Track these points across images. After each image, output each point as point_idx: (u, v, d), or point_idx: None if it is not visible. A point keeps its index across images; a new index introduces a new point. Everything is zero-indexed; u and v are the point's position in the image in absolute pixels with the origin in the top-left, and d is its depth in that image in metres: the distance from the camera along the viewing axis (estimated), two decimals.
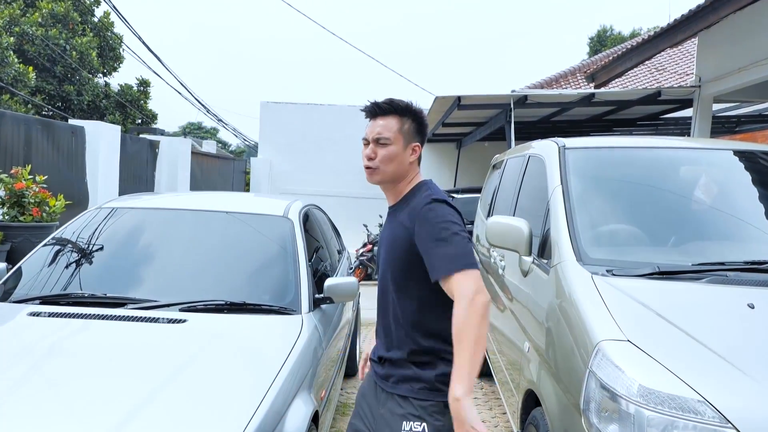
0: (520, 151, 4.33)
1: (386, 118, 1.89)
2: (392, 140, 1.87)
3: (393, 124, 1.88)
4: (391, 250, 1.89)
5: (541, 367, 2.52)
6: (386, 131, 1.87)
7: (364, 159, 1.92)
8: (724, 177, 3.07)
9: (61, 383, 2.08)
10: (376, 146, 1.88)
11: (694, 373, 1.78)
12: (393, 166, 1.88)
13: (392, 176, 1.90)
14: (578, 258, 2.46)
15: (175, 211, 3.50)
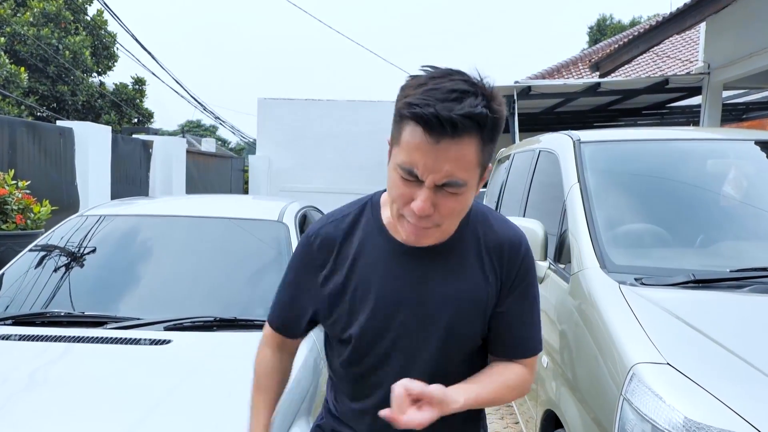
0: (528, 145, 4.08)
1: (463, 143, 1.05)
2: (468, 183, 1.10)
3: (472, 154, 1.07)
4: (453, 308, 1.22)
5: (561, 385, 2.28)
6: (463, 170, 1.07)
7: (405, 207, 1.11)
8: (755, 170, 2.83)
9: (26, 418, 1.86)
10: (438, 194, 1.09)
11: (749, 403, 1.54)
12: (461, 218, 1.18)
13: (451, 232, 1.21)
14: (602, 265, 2.22)
15: (162, 218, 3.26)
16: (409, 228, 1.13)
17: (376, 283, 1.24)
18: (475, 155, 1.07)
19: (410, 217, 1.11)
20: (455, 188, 1.08)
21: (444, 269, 1.23)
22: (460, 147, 1.04)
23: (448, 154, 1.04)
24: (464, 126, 1.03)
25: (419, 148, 1.05)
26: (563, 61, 16.84)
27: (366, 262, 1.25)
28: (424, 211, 1.08)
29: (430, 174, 1.05)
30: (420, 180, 1.07)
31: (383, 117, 15.25)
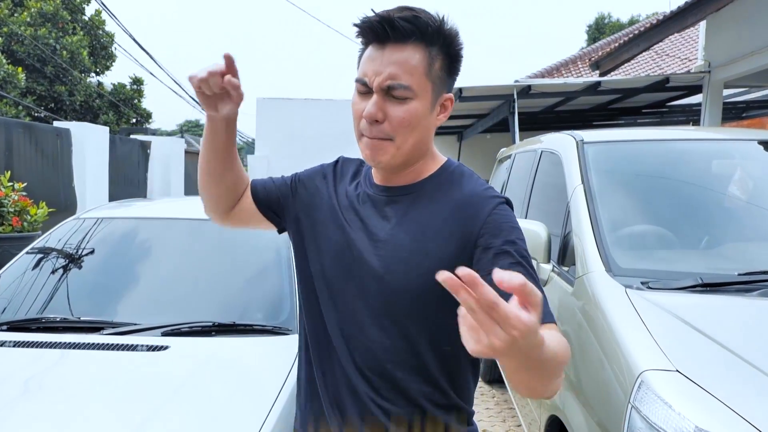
0: (529, 145, 4.04)
1: (405, 48, 1.08)
2: (416, 91, 1.10)
3: (418, 60, 1.09)
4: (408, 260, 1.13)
5: (566, 390, 2.24)
6: (407, 74, 1.08)
7: (360, 121, 1.13)
8: (761, 171, 2.79)
9: (21, 426, 1.82)
10: (387, 99, 1.10)
11: (760, 411, 1.50)
12: (416, 135, 1.13)
13: (412, 153, 1.16)
14: (608, 268, 2.18)
15: (160, 221, 3.22)
16: (366, 145, 1.14)
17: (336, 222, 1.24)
18: (420, 62, 1.09)
19: (365, 130, 1.13)
20: (400, 92, 1.09)
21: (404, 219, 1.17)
22: (403, 52, 1.09)
23: (391, 57, 1.09)
24: (404, 30, 1.08)
25: (369, 57, 1.11)
26: (562, 60, 16.80)
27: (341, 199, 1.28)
28: (372, 115, 1.09)
29: (376, 77, 1.09)
30: (370, 89, 1.10)
31: None
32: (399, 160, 1.16)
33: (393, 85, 1.08)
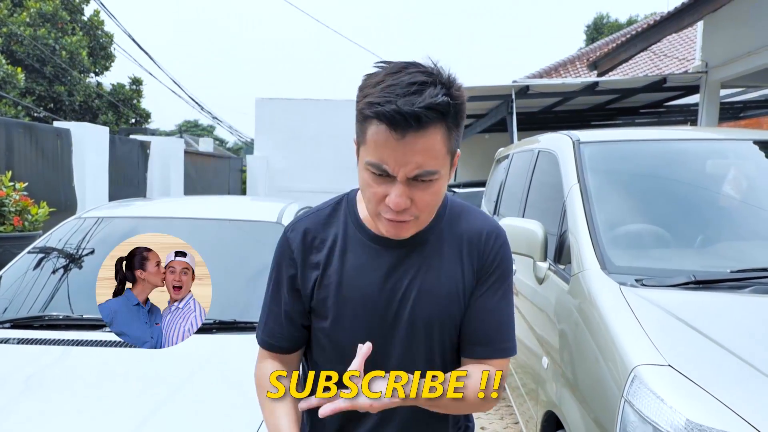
0: (527, 144, 4.08)
1: (428, 135, 1.05)
2: (441, 172, 1.10)
3: (438, 142, 1.07)
4: (426, 301, 1.20)
5: (562, 386, 2.28)
6: (430, 160, 1.07)
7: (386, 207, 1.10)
8: (755, 170, 2.83)
9: (25, 422, 1.85)
10: (412, 185, 1.08)
11: (750, 404, 1.54)
12: (436, 208, 1.17)
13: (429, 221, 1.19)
14: (602, 266, 2.21)
15: (160, 220, 3.26)
16: (387, 224, 1.13)
17: (352, 274, 1.22)
18: (442, 144, 1.07)
19: (387, 213, 1.11)
20: (428, 177, 1.08)
21: (420, 262, 1.21)
22: (426, 138, 1.05)
23: (415, 147, 1.04)
24: (428, 117, 1.03)
25: (386, 145, 1.05)
26: (561, 60, 16.85)
27: (343, 253, 1.23)
28: (400, 206, 1.08)
29: (401, 168, 1.05)
30: (392, 175, 1.07)
31: None
32: (420, 229, 1.18)
33: (421, 173, 1.07)
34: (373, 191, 1.10)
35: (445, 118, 1.06)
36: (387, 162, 1.05)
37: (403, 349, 1.22)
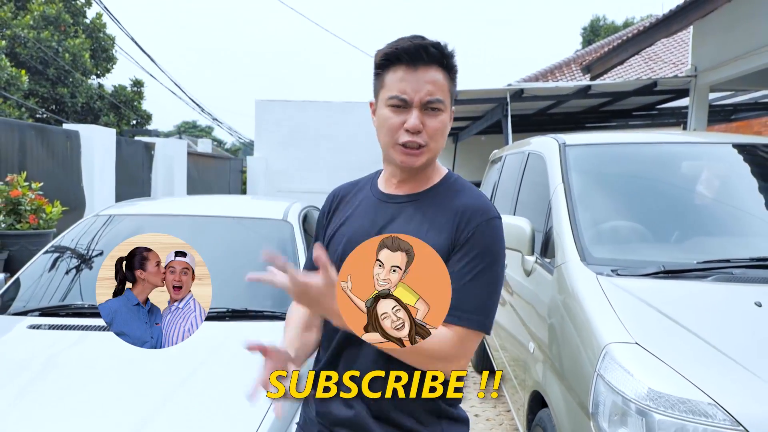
0: (518, 147, 4.30)
1: (433, 70, 1.33)
2: (445, 103, 1.35)
3: (443, 80, 1.35)
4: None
5: (547, 367, 2.50)
6: (439, 91, 1.33)
7: (403, 132, 1.33)
8: (726, 171, 3.05)
9: (64, 396, 2.06)
10: (424, 113, 1.33)
11: (704, 376, 1.76)
12: (442, 142, 1.39)
13: (433, 159, 1.41)
14: (582, 258, 2.44)
15: (173, 217, 3.47)
16: (403, 151, 1.35)
17: (354, 222, 1.45)
18: (444, 81, 1.34)
19: (404, 137, 1.33)
20: (436, 105, 1.33)
21: (408, 215, 1.39)
22: (433, 72, 1.33)
23: (426, 76, 1.32)
24: (432, 54, 1.32)
25: (404, 78, 1.32)
26: (557, 62, 17.08)
27: (354, 208, 1.48)
28: (417, 127, 1.32)
29: (416, 93, 1.31)
30: (408, 104, 1.32)
31: None
32: (427, 162, 1.38)
33: (431, 99, 1.32)
34: (392, 122, 1.34)
35: (443, 61, 1.34)
36: (406, 91, 1.32)
37: None
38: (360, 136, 14.94)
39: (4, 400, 2.02)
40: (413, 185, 1.42)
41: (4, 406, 1.99)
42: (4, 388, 2.10)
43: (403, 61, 1.32)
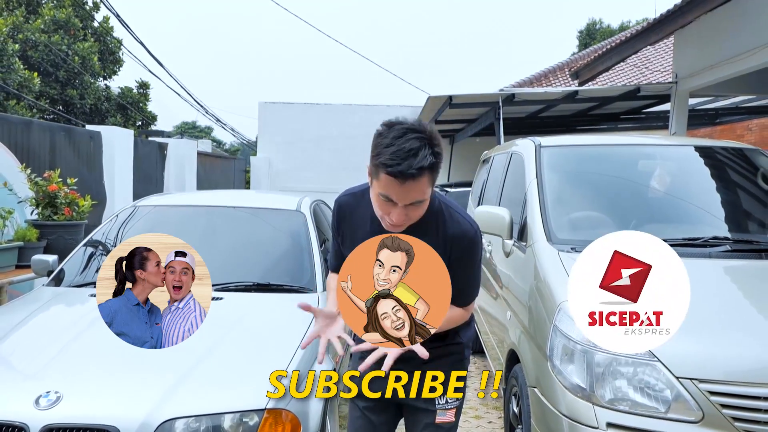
0: (505, 148, 4.83)
1: (419, 181, 1.62)
2: (426, 197, 1.68)
3: (425, 183, 1.64)
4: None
5: (520, 328, 3.03)
6: (421, 193, 1.65)
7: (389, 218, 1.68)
8: (676, 169, 3.58)
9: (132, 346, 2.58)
10: (408, 207, 1.66)
11: None
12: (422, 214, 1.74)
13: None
14: (548, 239, 2.97)
15: (201, 208, 4.00)
16: (389, 227, 1.71)
17: (360, 237, 1.76)
18: (428, 183, 1.66)
19: (389, 221, 1.69)
20: (418, 203, 1.67)
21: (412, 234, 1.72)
22: (418, 183, 1.62)
23: (412, 188, 1.62)
24: (420, 173, 1.61)
25: (393, 187, 1.62)
26: (551, 66, 17.62)
27: (362, 221, 1.87)
28: (400, 221, 1.68)
29: (401, 200, 1.64)
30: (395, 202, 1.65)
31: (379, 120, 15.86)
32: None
33: (414, 201, 1.64)
34: (381, 208, 1.70)
35: (431, 170, 1.64)
36: (392, 196, 1.63)
37: None
38: (360, 137, 15.46)
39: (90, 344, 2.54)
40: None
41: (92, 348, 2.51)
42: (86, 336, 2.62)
43: (394, 177, 1.59)
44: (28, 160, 5.87)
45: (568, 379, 2.32)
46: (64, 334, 2.67)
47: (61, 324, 2.85)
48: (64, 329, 2.74)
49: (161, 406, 2.16)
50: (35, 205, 5.24)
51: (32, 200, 5.23)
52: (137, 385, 2.29)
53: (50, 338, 2.66)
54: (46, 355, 2.46)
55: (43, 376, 2.31)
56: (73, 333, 2.67)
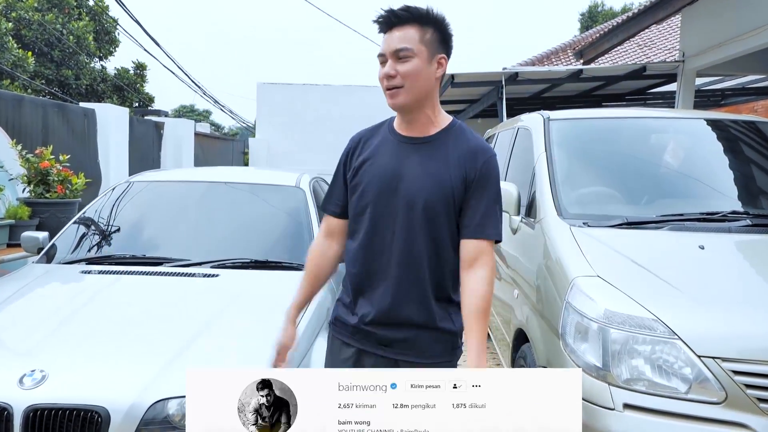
0: (510, 124, 4.69)
1: (404, 28, 1.67)
2: (415, 52, 1.67)
3: (413, 34, 1.67)
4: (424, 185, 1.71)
5: (528, 306, 2.91)
6: (406, 41, 1.66)
7: (383, 79, 1.70)
8: (690, 142, 3.45)
9: (128, 320, 2.47)
10: (396, 61, 1.67)
11: (651, 299, 2.17)
12: (419, 82, 1.69)
13: (419, 96, 1.71)
14: (559, 213, 2.84)
15: (198, 183, 3.86)
16: (387, 95, 1.72)
17: (377, 160, 1.80)
18: (414, 33, 1.68)
19: (385, 83, 1.71)
20: (403, 53, 1.67)
21: (423, 156, 1.76)
22: (403, 30, 1.68)
23: (396, 35, 1.68)
24: (400, 16, 1.68)
25: (384, 39, 1.71)
26: (553, 47, 17.38)
27: (376, 147, 1.83)
28: (387, 73, 1.69)
29: (388, 49, 1.69)
30: (386, 59, 1.69)
31: (379, 101, 15.74)
32: (410, 101, 1.71)
33: (398, 48, 1.67)
34: (379, 74, 1.73)
35: (418, 20, 1.68)
36: (382, 48, 1.71)
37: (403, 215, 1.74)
38: (360, 119, 15.25)
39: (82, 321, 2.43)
40: (420, 128, 1.78)
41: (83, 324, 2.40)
42: (75, 314, 2.51)
43: (382, 28, 1.71)
44: (19, 137, 5.73)
45: (581, 358, 2.20)
46: (53, 312, 2.55)
47: (50, 301, 2.74)
48: (54, 306, 2.62)
49: (153, 386, 2.04)
50: (27, 182, 5.11)
51: (24, 177, 5.09)
52: (128, 364, 2.17)
53: (38, 316, 2.54)
54: (33, 333, 2.35)
55: (28, 354, 2.20)
56: (62, 311, 2.55)
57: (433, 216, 1.73)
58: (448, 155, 1.74)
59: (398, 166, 1.76)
